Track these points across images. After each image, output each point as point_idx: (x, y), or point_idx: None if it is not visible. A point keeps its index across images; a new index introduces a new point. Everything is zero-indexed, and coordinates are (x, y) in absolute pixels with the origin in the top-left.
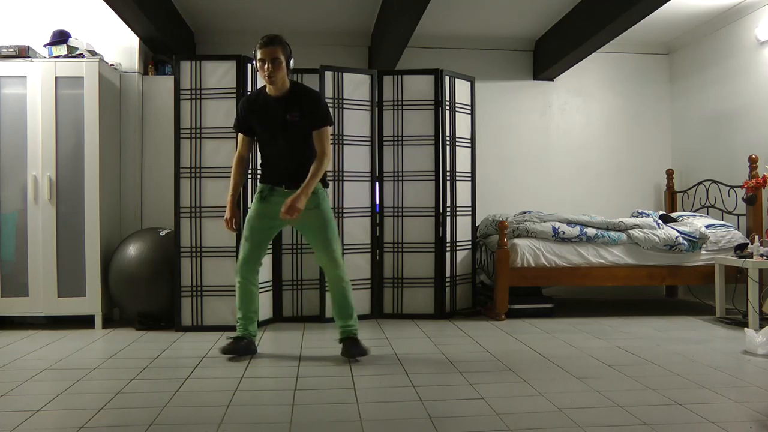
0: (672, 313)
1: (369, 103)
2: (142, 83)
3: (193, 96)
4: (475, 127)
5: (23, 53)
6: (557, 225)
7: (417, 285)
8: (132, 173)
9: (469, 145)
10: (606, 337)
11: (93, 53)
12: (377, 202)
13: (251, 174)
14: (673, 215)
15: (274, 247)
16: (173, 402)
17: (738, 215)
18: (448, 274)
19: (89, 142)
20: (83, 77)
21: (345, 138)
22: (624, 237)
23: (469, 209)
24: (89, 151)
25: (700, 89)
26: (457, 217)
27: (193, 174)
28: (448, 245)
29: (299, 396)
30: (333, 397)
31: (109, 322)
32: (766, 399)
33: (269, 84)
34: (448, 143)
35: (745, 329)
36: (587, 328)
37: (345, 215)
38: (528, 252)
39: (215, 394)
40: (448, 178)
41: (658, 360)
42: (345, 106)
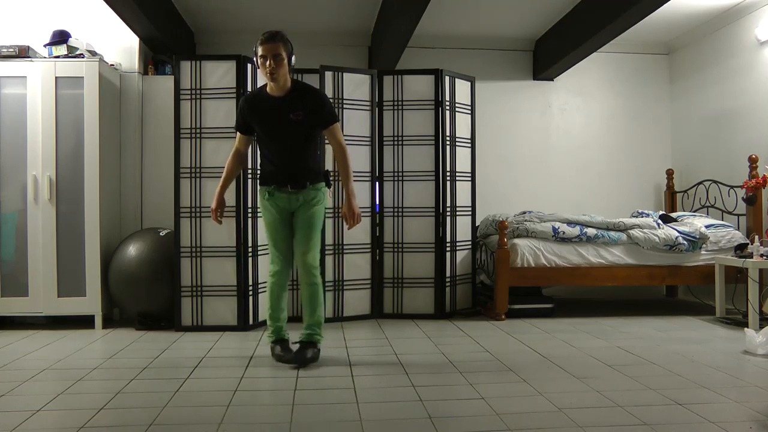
0: (672, 313)
1: (369, 103)
2: (142, 83)
3: (193, 96)
4: (475, 127)
5: (23, 53)
6: (557, 225)
7: (417, 285)
8: (132, 173)
9: (469, 145)
10: (606, 337)
11: (93, 53)
12: (377, 202)
13: (251, 174)
14: (673, 215)
15: None
16: (173, 402)
17: (738, 215)
18: (448, 274)
19: (89, 142)
20: (83, 77)
21: (345, 138)
22: (624, 237)
23: (469, 209)
24: (89, 151)
25: (700, 89)
26: (457, 217)
27: (193, 174)
28: (448, 245)
29: (299, 396)
30: (333, 397)
31: (109, 322)
32: (766, 399)
33: (271, 82)
34: (448, 143)
35: (745, 329)
36: (587, 328)
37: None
38: (528, 252)
39: (215, 394)
40: (448, 178)
41: (658, 360)
42: (345, 106)
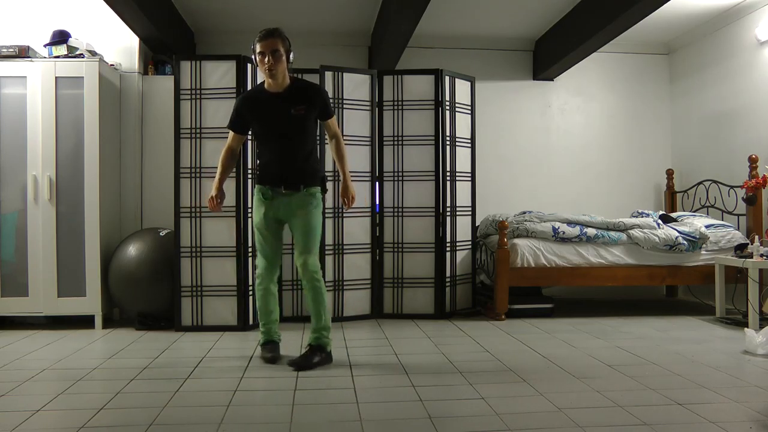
0: (672, 313)
1: (369, 103)
2: (142, 83)
3: (193, 96)
4: (475, 127)
5: (23, 53)
6: (557, 225)
7: (417, 285)
8: (132, 173)
9: (469, 145)
10: (606, 337)
11: (93, 53)
12: (377, 202)
13: (251, 174)
14: (673, 215)
15: None
16: (173, 402)
17: (738, 215)
18: (448, 274)
19: (89, 142)
20: (83, 77)
21: (345, 138)
22: (624, 237)
23: (469, 209)
24: (89, 151)
25: (700, 89)
26: (457, 217)
27: (193, 174)
28: (448, 245)
29: (299, 396)
30: (333, 397)
31: (109, 322)
32: (766, 399)
33: (269, 78)
34: (448, 143)
35: (745, 329)
36: (587, 328)
37: (345, 215)
38: (528, 252)
39: (215, 394)
40: (448, 178)
41: (658, 360)
42: (345, 106)
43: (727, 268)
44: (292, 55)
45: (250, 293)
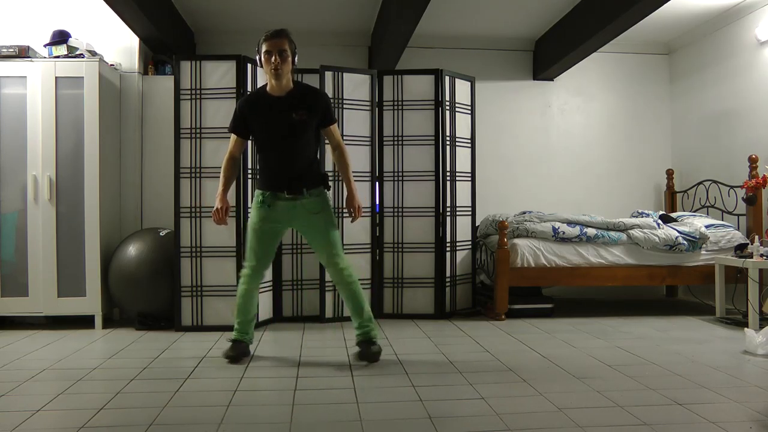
0: (672, 313)
1: (369, 103)
2: (142, 83)
3: (193, 96)
4: (475, 127)
5: (23, 53)
6: (557, 225)
7: (417, 285)
8: (132, 173)
9: (469, 145)
10: (606, 337)
11: (93, 53)
12: (377, 202)
13: (251, 174)
14: (673, 215)
15: None
16: (173, 402)
17: (738, 215)
18: (448, 274)
19: (89, 142)
20: (83, 77)
21: (345, 138)
22: (624, 237)
23: (469, 209)
24: (89, 151)
25: (700, 89)
26: (457, 217)
27: (193, 174)
28: (448, 245)
29: (299, 396)
30: (333, 397)
31: (109, 322)
32: (766, 399)
33: (274, 78)
34: (448, 143)
35: (745, 329)
36: (587, 328)
37: (345, 215)
38: (528, 252)
39: (215, 394)
40: (448, 178)
41: (658, 360)
42: (345, 106)
43: (727, 268)
44: (296, 58)
45: None
